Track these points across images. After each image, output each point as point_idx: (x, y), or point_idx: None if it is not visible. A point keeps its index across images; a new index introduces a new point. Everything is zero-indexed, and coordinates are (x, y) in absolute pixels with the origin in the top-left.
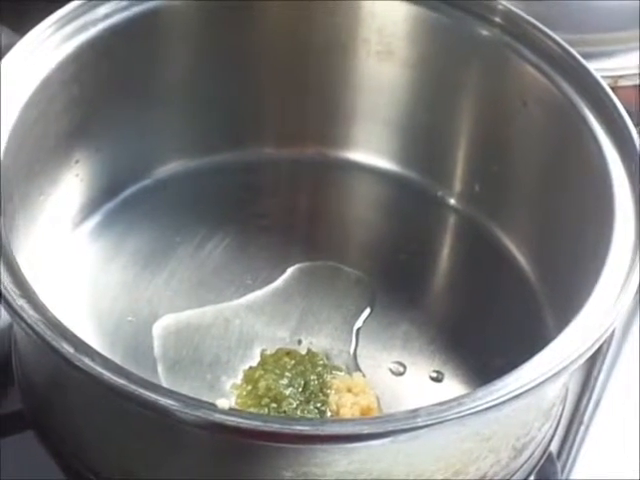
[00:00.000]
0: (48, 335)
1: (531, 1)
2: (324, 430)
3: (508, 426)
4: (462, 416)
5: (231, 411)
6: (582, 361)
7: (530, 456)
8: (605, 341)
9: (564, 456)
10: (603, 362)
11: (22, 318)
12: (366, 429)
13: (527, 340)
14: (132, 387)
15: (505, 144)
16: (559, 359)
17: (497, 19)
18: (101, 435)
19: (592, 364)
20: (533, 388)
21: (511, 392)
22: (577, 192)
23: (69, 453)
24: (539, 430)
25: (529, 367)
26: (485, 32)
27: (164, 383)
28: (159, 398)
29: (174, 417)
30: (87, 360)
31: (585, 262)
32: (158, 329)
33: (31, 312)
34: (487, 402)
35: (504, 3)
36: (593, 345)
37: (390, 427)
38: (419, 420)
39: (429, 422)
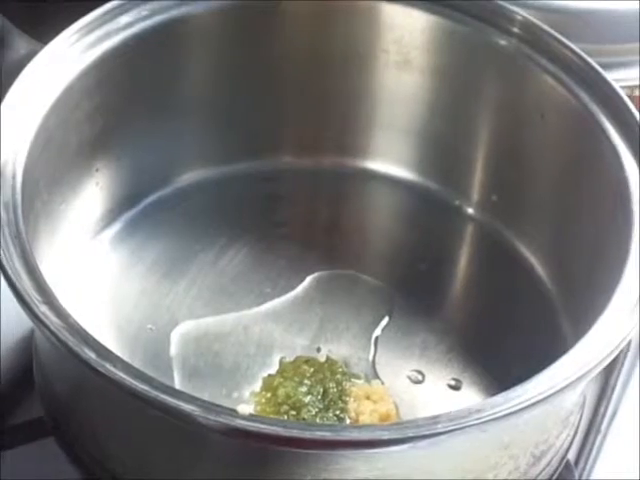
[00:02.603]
0: (70, 341)
1: (549, 12)
2: (345, 436)
3: (527, 433)
4: (482, 422)
5: (252, 417)
6: (600, 369)
7: (548, 463)
8: (622, 349)
9: (582, 464)
10: (620, 370)
11: (44, 324)
12: (386, 435)
13: (544, 348)
14: (154, 392)
15: (523, 154)
16: (578, 367)
17: (516, 29)
18: (122, 441)
19: (609, 372)
20: (552, 395)
21: (530, 399)
22: (595, 201)
23: (90, 459)
24: (557, 437)
25: (548, 374)
26: (503, 42)
27: (184, 389)
28: (181, 404)
29: (196, 423)
30: (109, 366)
31: (603, 270)
32: (177, 336)
33: (53, 318)
34: (507, 408)
35: (523, 13)
36: (611, 353)
37: (410, 433)
38: (439, 426)
39: (449, 428)
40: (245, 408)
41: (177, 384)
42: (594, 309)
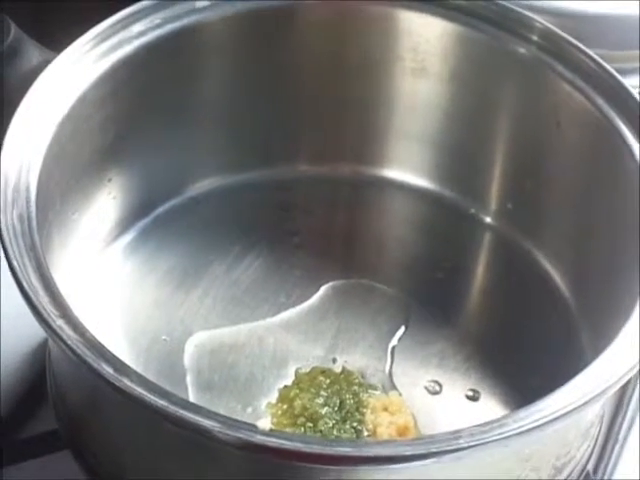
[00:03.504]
0: (88, 356)
1: (565, 17)
2: (366, 451)
3: (549, 446)
4: (505, 437)
5: (272, 432)
6: (623, 382)
7: (569, 475)
8: None
9: (600, 474)
10: (637, 380)
11: (61, 339)
12: (409, 450)
13: (562, 358)
14: (173, 408)
15: (540, 161)
16: (602, 380)
17: (534, 37)
18: (138, 455)
19: (626, 383)
20: (576, 409)
21: (554, 413)
22: (613, 209)
23: (105, 472)
24: (578, 449)
25: (570, 387)
26: (521, 49)
27: (198, 402)
28: (201, 419)
29: (216, 438)
30: (127, 381)
31: (622, 280)
32: (191, 347)
33: (70, 332)
34: (529, 423)
35: (542, 21)
36: (635, 366)
37: (433, 448)
38: (461, 441)
39: (472, 443)
40: (265, 423)
41: (192, 396)
42: (614, 320)
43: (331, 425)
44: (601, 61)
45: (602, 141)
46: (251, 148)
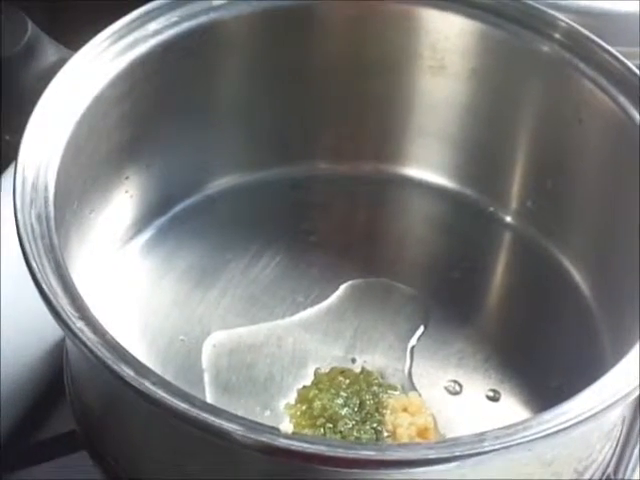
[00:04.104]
0: (108, 358)
1: (589, 16)
2: (389, 455)
3: (571, 449)
4: (529, 440)
5: (295, 435)
6: None
7: (590, 477)
8: None
9: (620, 475)
10: None
11: (81, 341)
12: (432, 454)
13: (583, 358)
14: (195, 411)
15: (562, 160)
16: (626, 382)
17: (556, 35)
18: (156, 456)
19: None
20: (602, 411)
21: (579, 416)
22: (635, 208)
23: (123, 474)
24: (600, 452)
25: (595, 389)
26: (544, 47)
27: (217, 402)
28: (223, 422)
29: (237, 442)
30: (148, 384)
31: None
32: (209, 347)
33: (90, 334)
34: (555, 426)
35: (564, 18)
36: None
37: (457, 452)
38: (486, 444)
39: (496, 447)
40: (287, 426)
41: (210, 396)
42: (635, 321)
43: (351, 426)
44: (624, 59)
45: (624, 139)
46: (269, 146)
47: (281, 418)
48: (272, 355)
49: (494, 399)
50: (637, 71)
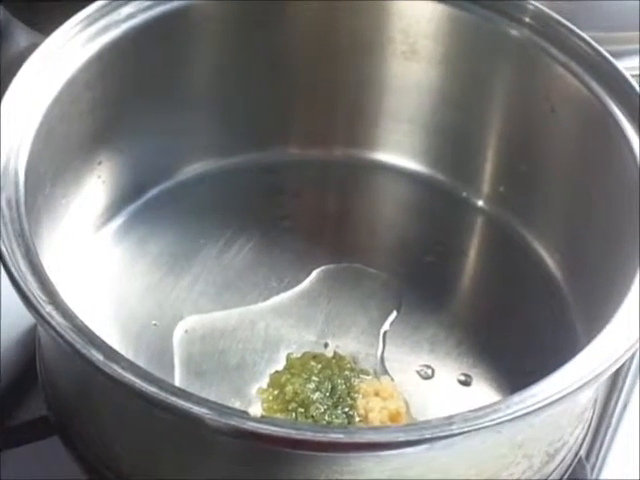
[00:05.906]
0: (77, 342)
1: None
2: (359, 438)
3: (542, 432)
4: (498, 423)
5: (264, 419)
6: (618, 365)
7: (562, 460)
8: None
9: (593, 458)
10: (630, 364)
11: (51, 325)
12: (402, 436)
13: (555, 343)
14: (164, 395)
15: (533, 145)
16: (595, 364)
17: (527, 19)
18: (128, 441)
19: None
20: (570, 394)
21: (547, 398)
22: (607, 194)
23: (95, 459)
24: (571, 435)
25: (564, 372)
26: (514, 31)
27: (189, 387)
28: (192, 406)
29: (207, 425)
30: (117, 367)
31: (615, 264)
32: (182, 332)
33: (59, 319)
34: (523, 408)
35: (534, 2)
36: (629, 350)
37: (426, 434)
38: (454, 427)
39: (465, 429)
40: (256, 409)
41: (182, 381)
42: (607, 304)
43: (323, 410)
44: (594, 44)
45: (596, 124)
46: (241, 132)
47: (253, 403)
48: (244, 340)
49: (466, 383)
50: (608, 56)
